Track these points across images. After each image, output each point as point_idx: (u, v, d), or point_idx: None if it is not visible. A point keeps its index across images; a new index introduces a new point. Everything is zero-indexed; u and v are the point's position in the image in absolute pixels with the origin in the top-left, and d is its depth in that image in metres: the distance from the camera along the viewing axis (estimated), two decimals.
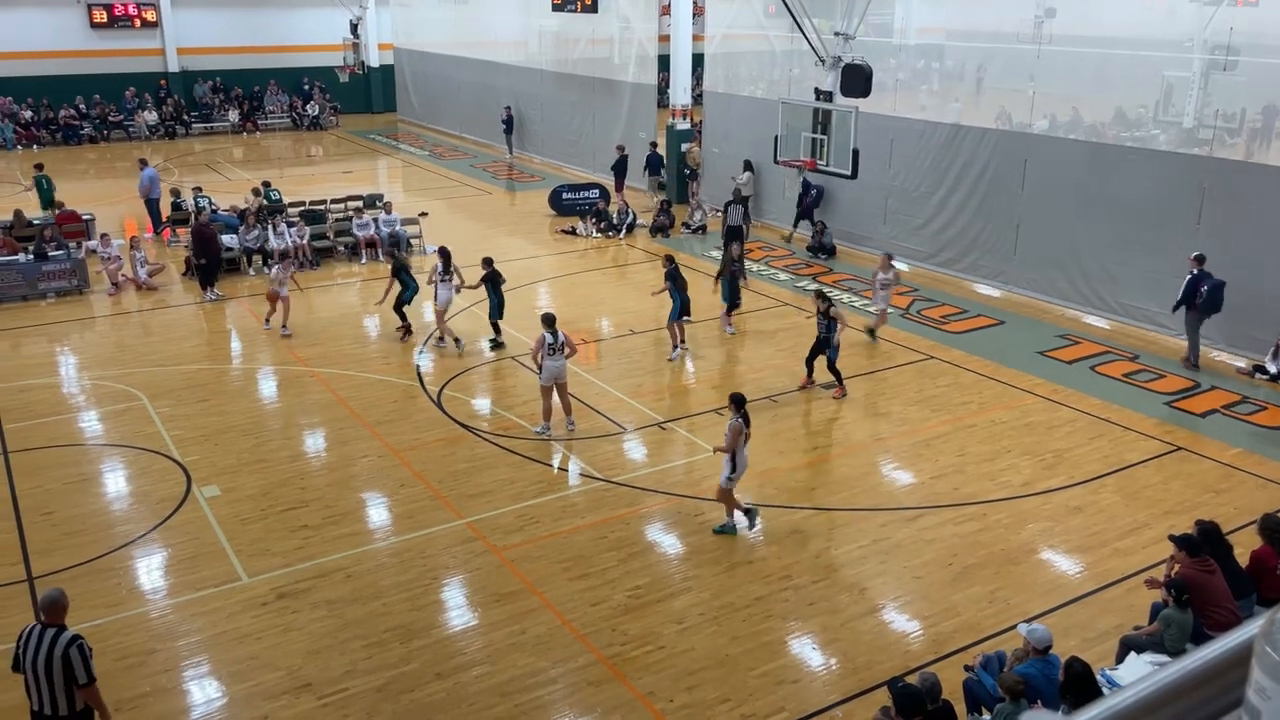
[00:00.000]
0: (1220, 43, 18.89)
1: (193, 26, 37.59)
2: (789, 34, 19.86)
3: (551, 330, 12.59)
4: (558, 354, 12.58)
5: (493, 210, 26.34)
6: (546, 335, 12.51)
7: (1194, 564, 8.08)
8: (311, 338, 16.54)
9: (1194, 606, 7.78)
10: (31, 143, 34.16)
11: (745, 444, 10.41)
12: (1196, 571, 8.01)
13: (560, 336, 12.59)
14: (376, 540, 10.51)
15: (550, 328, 12.62)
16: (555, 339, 12.54)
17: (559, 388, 12.78)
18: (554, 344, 12.50)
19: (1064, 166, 17.35)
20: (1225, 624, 7.53)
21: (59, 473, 11.91)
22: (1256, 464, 12.04)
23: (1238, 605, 7.91)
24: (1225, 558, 8.30)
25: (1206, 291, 14.18)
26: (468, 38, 34.79)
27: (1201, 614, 7.79)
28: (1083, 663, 6.84)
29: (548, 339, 12.50)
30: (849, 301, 18.20)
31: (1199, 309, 14.37)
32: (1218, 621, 7.72)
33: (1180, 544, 8.19)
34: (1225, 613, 7.82)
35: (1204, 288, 14.20)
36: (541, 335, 12.56)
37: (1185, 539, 8.22)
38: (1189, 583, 7.87)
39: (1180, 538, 8.29)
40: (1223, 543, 8.39)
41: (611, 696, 8.16)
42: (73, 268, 18.68)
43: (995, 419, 13.28)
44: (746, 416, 10.38)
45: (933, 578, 9.76)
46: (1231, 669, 1.80)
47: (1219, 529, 8.46)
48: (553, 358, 12.52)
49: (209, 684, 8.36)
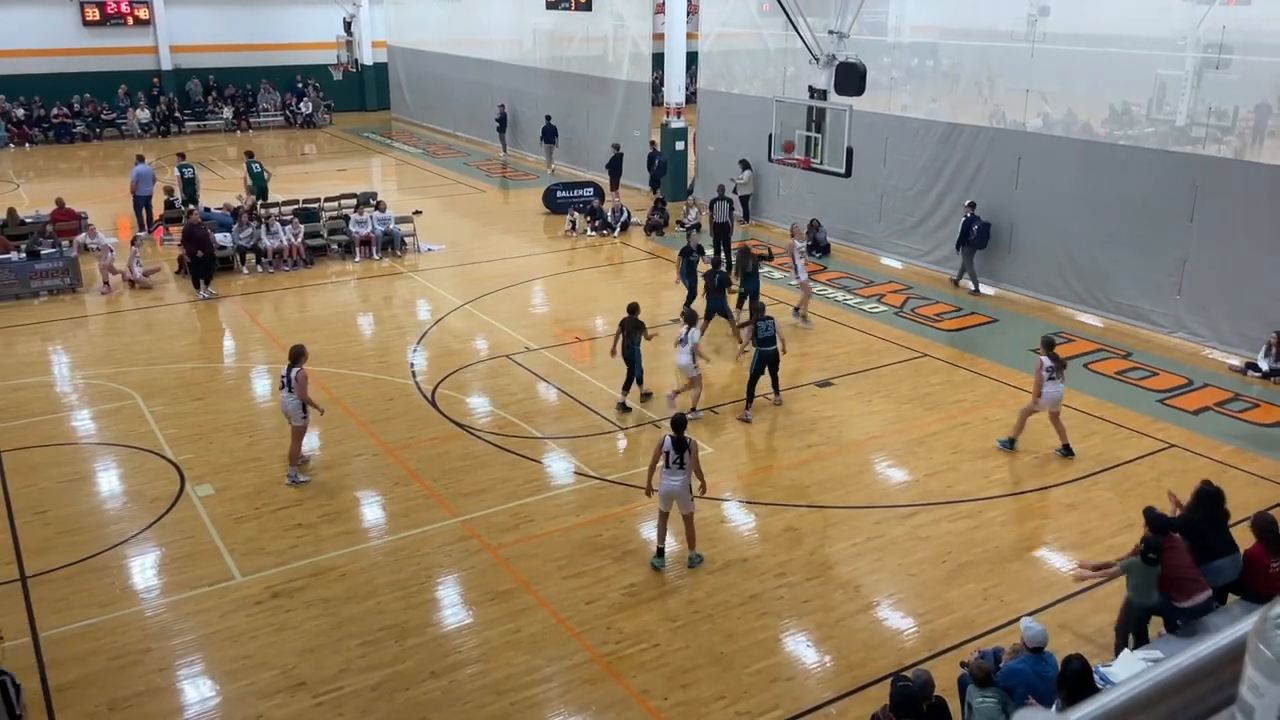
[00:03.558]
0: (1213, 41, 18.92)
1: (186, 24, 37.47)
2: (783, 32, 19.84)
3: (679, 439, 9.56)
4: (676, 469, 9.54)
5: (487, 208, 26.32)
6: (668, 440, 9.62)
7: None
8: (305, 336, 16.50)
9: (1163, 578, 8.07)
10: (24, 141, 34.03)
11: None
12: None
13: (688, 446, 9.51)
14: (371, 539, 10.49)
15: (678, 432, 9.60)
16: (681, 450, 9.51)
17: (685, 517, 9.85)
18: (675, 456, 9.52)
19: (1058, 164, 17.38)
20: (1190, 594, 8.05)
21: (52, 472, 11.87)
22: (1249, 461, 12.08)
23: (1200, 573, 8.17)
24: (1221, 523, 8.50)
25: (977, 230, 18.08)
26: (462, 36, 34.74)
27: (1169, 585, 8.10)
28: (1081, 660, 6.86)
29: (668, 447, 9.58)
30: (842, 300, 18.23)
31: (972, 244, 18.27)
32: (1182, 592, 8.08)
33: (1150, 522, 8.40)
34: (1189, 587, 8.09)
35: (975, 228, 18.10)
36: (662, 440, 9.74)
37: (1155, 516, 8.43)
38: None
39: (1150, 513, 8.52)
40: (1220, 507, 8.53)
41: (606, 694, 8.17)
42: (65, 266, 18.61)
43: (989, 417, 13.30)
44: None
45: (927, 575, 9.78)
46: (1225, 666, 1.80)
47: (1220, 493, 8.58)
48: (671, 473, 9.59)
49: (203, 683, 8.34)
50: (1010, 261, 18.34)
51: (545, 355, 15.39)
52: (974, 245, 18.24)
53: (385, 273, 20.22)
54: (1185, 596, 8.04)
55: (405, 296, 18.99)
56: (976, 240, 18.17)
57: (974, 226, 18.12)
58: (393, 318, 17.96)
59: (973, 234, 18.15)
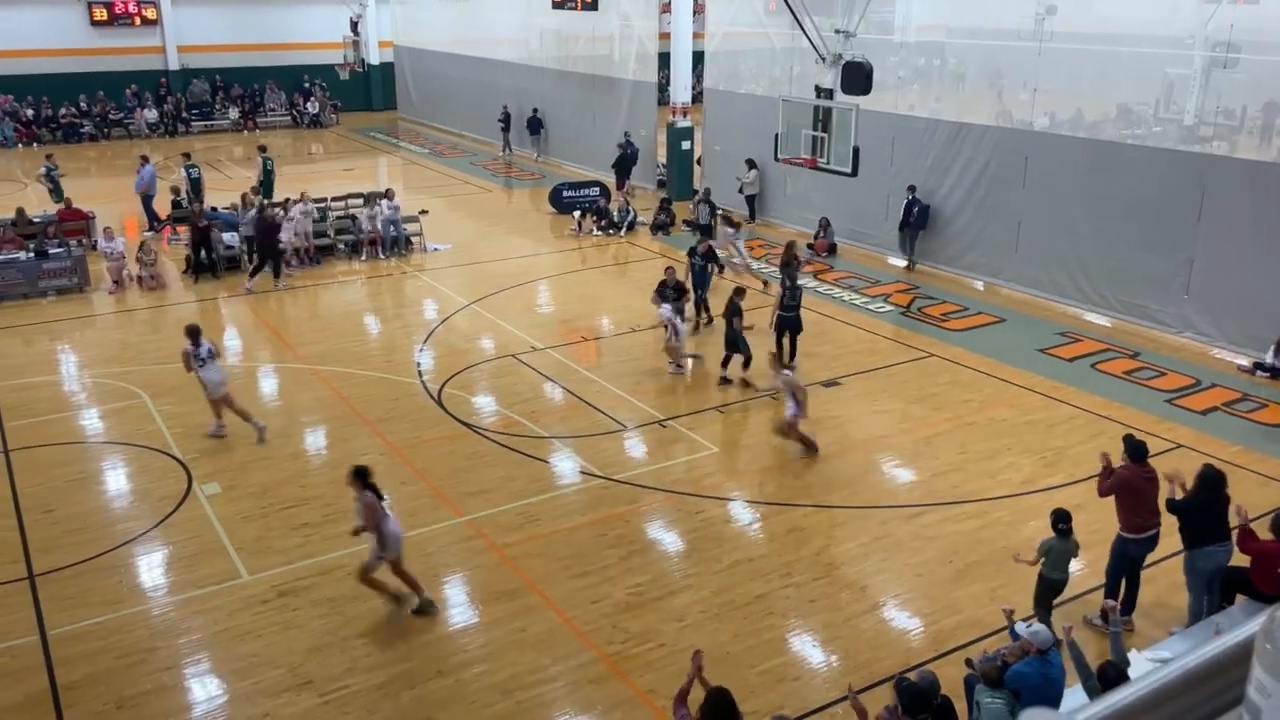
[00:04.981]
0: (1221, 40, 18.86)
1: (193, 24, 37.58)
2: (789, 31, 19.83)
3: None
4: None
5: (493, 208, 26.35)
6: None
7: (1135, 469, 8.74)
8: (313, 335, 16.55)
9: (1121, 505, 8.71)
10: (32, 141, 34.15)
11: (387, 517, 8.98)
12: (1137, 476, 8.71)
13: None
14: None
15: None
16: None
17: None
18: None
19: (1065, 164, 17.33)
20: (1141, 527, 8.66)
21: (60, 470, 11.91)
22: (1257, 461, 12.04)
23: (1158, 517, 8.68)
24: (1221, 508, 8.60)
25: (917, 213, 19.42)
26: (468, 35, 34.78)
27: (1129, 513, 8.69)
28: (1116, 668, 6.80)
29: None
30: (848, 300, 18.22)
31: (913, 225, 19.59)
32: (1134, 524, 8.69)
33: (1128, 448, 8.81)
34: (1145, 519, 8.65)
35: (915, 210, 19.42)
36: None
37: (1135, 444, 8.86)
38: (1128, 484, 8.68)
39: (1131, 441, 8.92)
40: (1222, 492, 8.61)
41: (612, 694, 8.17)
42: (73, 265, 18.67)
43: (996, 416, 13.28)
44: (375, 488, 8.90)
45: (933, 575, 9.77)
46: (1232, 667, 1.80)
47: (1222, 477, 8.65)
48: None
49: (210, 681, 8.36)
50: (1017, 261, 18.30)
51: (552, 355, 15.40)
52: (914, 226, 19.65)
53: (392, 272, 20.26)
54: (1136, 532, 8.66)
55: (412, 296, 19.01)
56: (917, 221, 19.58)
57: (914, 209, 19.50)
58: (399, 317, 17.99)
59: (913, 216, 19.55)
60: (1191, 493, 8.67)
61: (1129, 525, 8.75)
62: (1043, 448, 12.38)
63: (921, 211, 19.49)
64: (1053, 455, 12.20)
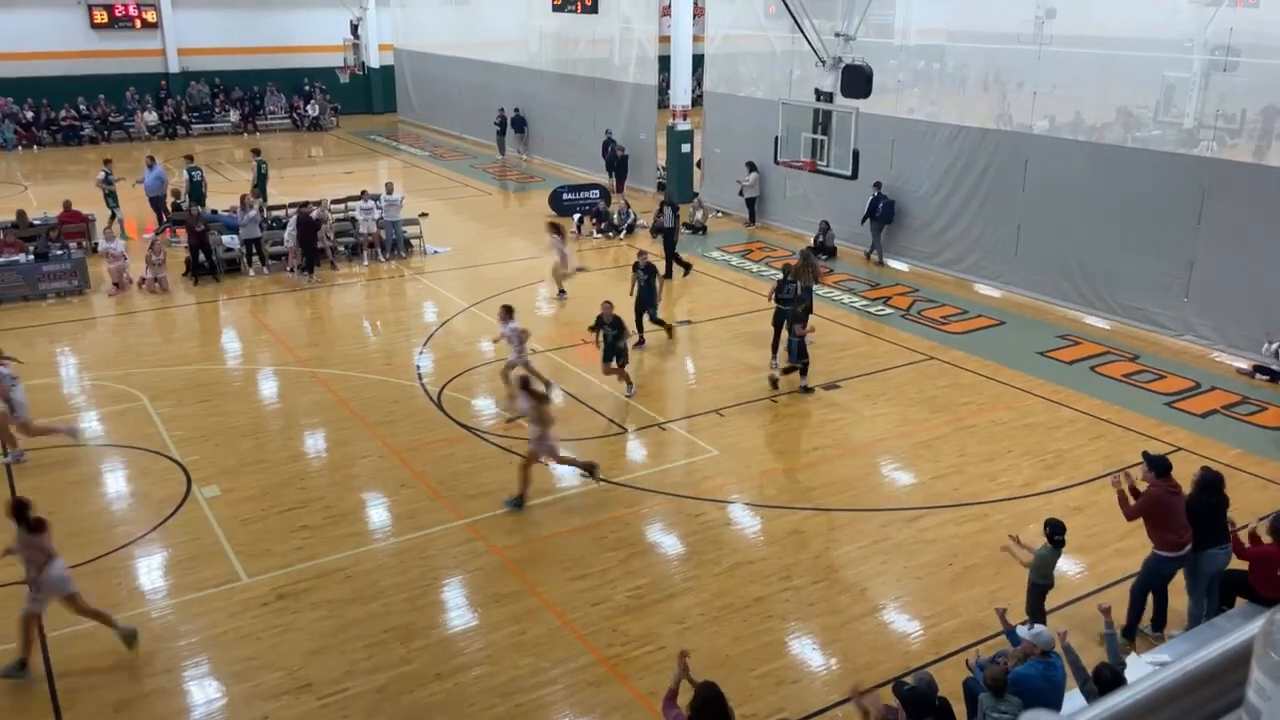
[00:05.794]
0: (1221, 43, 18.85)
1: (193, 27, 37.60)
2: (789, 34, 19.86)
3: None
4: None
5: (493, 211, 26.35)
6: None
7: (1162, 485, 8.55)
8: (312, 338, 16.55)
9: (1155, 524, 8.51)
10: (32, 143, 34.16)
11: (50, 563, 8.38)
12: (1164, 492, 8.52)
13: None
14: (376, 541, 10.50)
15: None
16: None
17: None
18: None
19: (1065, 167, 17.34)
20: (1177, 544, 8.45)
21: (59, 473, 11.91)
22: (1256, 465, 12.03)
23: (1190, 531, 8.47)
24: (1220, 510, 8.61)
25: (882, 207, 19.92)
26: (468, 38, 34.80)
27: (1164, 531, 8.48)
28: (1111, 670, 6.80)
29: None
30: (848, 303, 18.21)
31: (879, 219, 20.10)
32: (1170, 541, 8.46)
33: (1152, 464, 8.67)
34: (1180, 534, 8.44)
35: (880, 205, 19.88)
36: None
37: (1158, 459, 8.72)
38: (1158, 502, 8.47)
39: (1152, 457, 8.79)
40: (1220, 494, 8.62)
41: (612, 697, 8.16)
42: (73, 268, 18.66)
43: (996, 419, 13.28)
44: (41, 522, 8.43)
45: (933, 578, 9.76)
46: (1231, 669, 1.80)
47: (1220, 479, 8.68)
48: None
49: (209, 684, 8.36)
50: (1017, 264, 18.30)
51: (551, 358, 15.39)
52: (880, 220, 20.16)
53: (391, 275, 20.26)
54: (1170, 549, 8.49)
55: (411, 298, 19.02)
56: (883, 215, 20.07)
57: (879, 204, 20.01)
58: (399, 320, 18.00)
59: (879, 210, 20.05)
60: (1191, 495, 8.66)
61: (1164, 543, 8.49)
62: (1043, 450, 12.38)
63: (887, 206, 19.95)
64: (1052, 458, 12.19)
